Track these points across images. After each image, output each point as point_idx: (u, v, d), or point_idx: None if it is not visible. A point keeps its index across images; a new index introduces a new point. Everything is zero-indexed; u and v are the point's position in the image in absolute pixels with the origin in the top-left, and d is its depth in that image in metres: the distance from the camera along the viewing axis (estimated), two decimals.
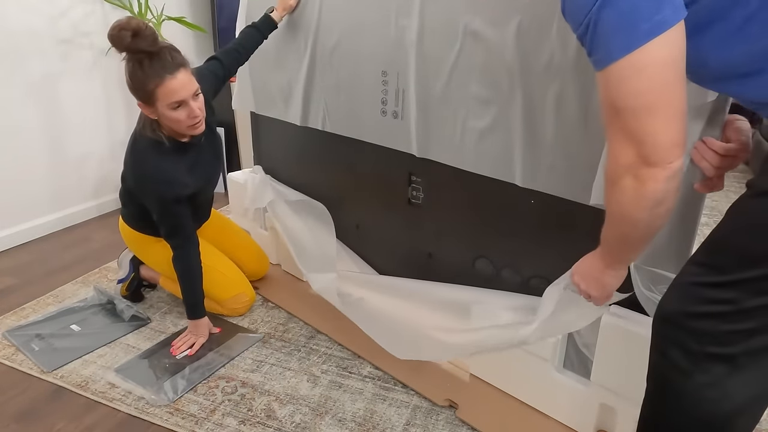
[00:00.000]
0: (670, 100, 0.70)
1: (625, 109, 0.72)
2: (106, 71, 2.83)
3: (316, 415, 1.41)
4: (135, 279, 1.92)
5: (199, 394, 1.49)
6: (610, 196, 0.81)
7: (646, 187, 0.74)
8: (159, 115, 1.50)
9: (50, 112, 2.59)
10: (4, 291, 2.08)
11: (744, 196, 0.76)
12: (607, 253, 0.93)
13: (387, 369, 1.56)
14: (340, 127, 1.77)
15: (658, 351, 0.83)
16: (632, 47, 0.68)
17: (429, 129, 1.47)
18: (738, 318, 0.73)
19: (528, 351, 1.34)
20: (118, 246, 2.47)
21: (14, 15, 2.38)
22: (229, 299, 1.82)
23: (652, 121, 0.71)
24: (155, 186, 1.56)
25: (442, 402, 1.42)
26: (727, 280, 0.74)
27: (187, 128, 1.52)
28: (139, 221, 1.75)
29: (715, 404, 0.77)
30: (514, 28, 1.19)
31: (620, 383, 1.19)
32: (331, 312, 1.87)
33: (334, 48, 1.67)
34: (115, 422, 1.40)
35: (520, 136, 1.25)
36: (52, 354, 1.66)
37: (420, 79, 1.44)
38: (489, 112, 1.30)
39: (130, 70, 1.43)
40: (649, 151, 0.72)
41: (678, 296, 0.81)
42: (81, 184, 2.80)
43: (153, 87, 1.42)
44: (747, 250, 0.72)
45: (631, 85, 0.70)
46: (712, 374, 0.76)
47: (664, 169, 0.72)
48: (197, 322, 1.69)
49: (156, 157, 1.55)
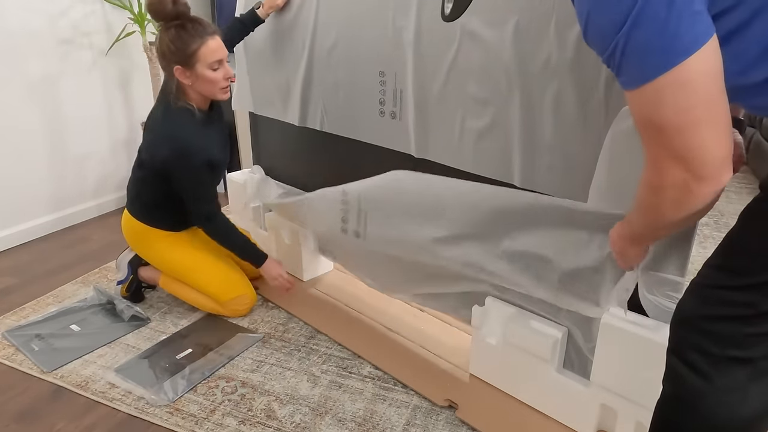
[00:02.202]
0: (716, 113, 0.68)
1: (669, 127, 0.69)
2: (106, 71, 2.83)
3: (316, 415, 1.41)
4: (134, 281, 1.92)
5: (199, 394, 1.49)
6: (646, 199, 0.79)
7: (691, 201, 0.72)
8: (196, 78, 1.57)
9: (50, 112, 2.59)
10: (4, 291, 2.08)
11: (759, 198, 0.75)
12: (630, 232, 0.92)
13: (387, 369, 1.56)
14: (338, 127, 1.77)
15: (676, 354, 0.82)
16: (669, 66, 0.66)
17: (427, 129, 1.47)
18: (758, 321, 0.73)
19: (528, 351, 1.34)
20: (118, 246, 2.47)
21: (14, 15, 2.38)
22: (230, 301, 1.82)
23: (700, 137, 0.67)
24: (193, 151, 1.62)
25: (442, 402, 1.43)
26: (747, 283, 0.73)
27: (221, 90, 1.61)
28: (152, 211, 1.76)
29: (733, 409, 0.76)
30: (511, 28, 1.19)
31: (620, 384, 1.19)
32: (331, 312, 1.87)
33: (331, 48, 1.68)
34: (115, 422, 1.40)
35: (518, 137, 1.25)
36: (52, 354, 1.66)
37: (418, 80, 1.44)
38: (487, 112, 1.30)
39: (172, 36, 1.52)
40: (698, 168, 0.69)
41: (697, 299, 0.80)
42: (81, 184, 2.80)
43: (196, 47, 1.52)
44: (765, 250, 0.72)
45: (674, 101, 0.67)
46: (732, 378, 0.76)
47: (715, 183, 0.70)
48: (265, 266, 1.80)
49: (190, 125, 1.63)
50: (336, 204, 1.67)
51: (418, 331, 1.73)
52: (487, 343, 1.40)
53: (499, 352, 1.40)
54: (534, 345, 1.32)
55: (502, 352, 1.40)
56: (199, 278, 1.82)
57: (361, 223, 1.61)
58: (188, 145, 1.62)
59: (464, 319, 1.53)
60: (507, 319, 1.37)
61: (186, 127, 1.62)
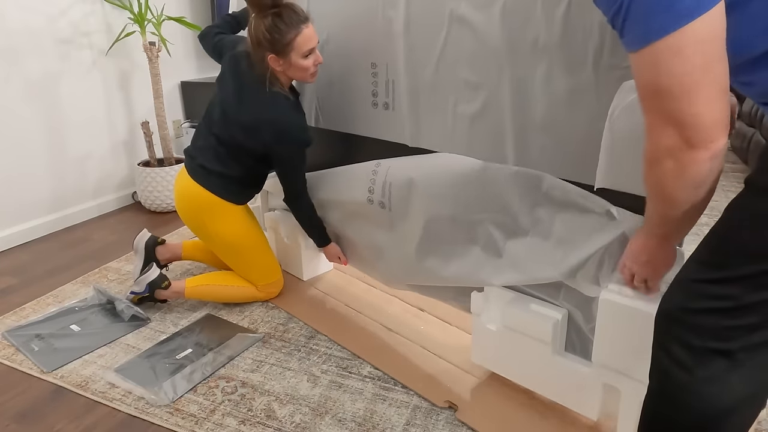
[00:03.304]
0: (712, 79, 0.68)
1: (666, 91, 0.70)
2: (106, 71, 2.83)
3: (316, 415, 1.41)
4: (148, 298, 1.89)
5: (199, 394, 1.49)
6: (649, 176, 0.80)
7: (689, 170, 0.73)
8: (289, 66, 1.60)
9: (50, 112, 2.59)
10: (4, 291, 2.08)
11: (742, 193, 0.77)
12: (651, 230, 0.93)
13: (387, 369, 1.56)
14: (332, 122, 1.79)
15: (661, 347, 0.84)
16: (672, 27, 0.66)
17: (420, 118, 1.48)
18: (739, 314, 0.74)
19: (529, 335, 1.34)
20: (118, 246, 2.48)
21: (14, 15, 2.38)
22: (271, 283, 1.93)
23: (695, 102, 0.68)
24: (298, 133, 1.67)
25: (442, 403, 1.42)
26: (728, 276, 0.75)
27: (311, 75, 1.64)
28: (231, 185, 1.80)
29: (713, 400, 0.78)
30: (498, 10, 1.20)
31: (622, 361, 1.18)
32: (331, 312, 1.87)
33: (323, 45, 1.70)
34: (115, 422, 1.40)
35: (510, 118, 1.26)
36: (52, 354, 1.66)
37: (409, 69, 1.45)
38: (479, 96, 1.32)
39: (269, 25, 1.52)
40: (692, 133, 0.70)
41: (679, 293, 0.82)
42: (81, 184, 2.80)
43: (293, 36, 1.53)
44: (747, 247, 0.73)
45: (672, 65, 0.68)
46: (712, 369, 0.77)
47: (707, 150, 0.71)
48: (327, 248, 1.89)
49: (290, 108, 1.68)
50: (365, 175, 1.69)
51: (418, 331, 1.74)
52: (487, 329, 1.40)
53: (500, 337, 1.40)
54: (534, 328, 1.32)
55: (503, 337, 1.40)
56: (253, 256, 1.89)
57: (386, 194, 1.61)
58: (294, 129, 1.67)
59: (464, 307, 1.53)
60: (506, 303, 1.36)
61: (288, 112, 1.67)
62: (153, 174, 2.82)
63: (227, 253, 1.89)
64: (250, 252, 1.88)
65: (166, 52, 2.93)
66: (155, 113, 2.86)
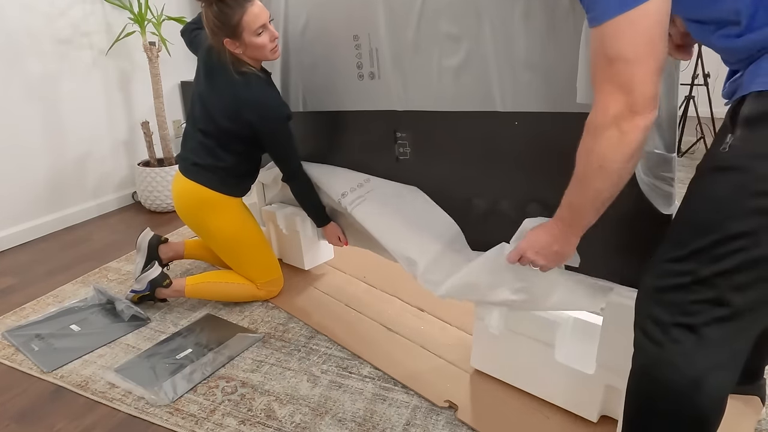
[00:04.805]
0: (656, 54, 0.79)
1: (618, 59, 0.80)
2: (106, 71, 2.83)
3: (316, 415, 1.41)
4: (149, 296, 1.90)
5: (199, 394, 1.49)
6: (588, 147, 0.88)
7: (629, 136, 0.82)
8: (245, 47, 1.61)
9: (50, 111, 2.59)
10: (4, 291, 2.08)
11: (694, 177, 0.86)
12: (570, 220, 1.00)
13: (387, 369, 1.56)
14: (319, 103, 1.79)
15: (638, 326, 0.91)
16: (629, 5, 0.77)
17: (407, 79, 1.48)
18: (698, 287, 0.81)
19: (531, 337, 1.34)
20: (118, 246, 2.48)
21: (14, 14, 2.38)
22: (270, 281, 1.93)
23: (641, 71, 0.79)
24: (279, 109, 1.68)
25: (442, 403, 1.42)
26: (686, 253, 0.82)
27: (270, 52, 1.64)
28: (231, 177, 1.81)
29: (681, 370, 0.83)
30: None
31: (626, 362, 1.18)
32: (331, 312, 1.87)
33: (304, 29, 1.70)
34: (115, 422, 1.40)
35: (494, 63, 1.27)
36: (52, 354, 1.66)
37: (391, 33, 1.45)
38: (461, 47, 1.32)
39: (215, 12, 1.55)
40: (637, 99, 0.80)
41: (650, 273, 0.89)
42: (81, 184, 2.80)
43: (240, 17, 1.55)
44: (697, 221, 0.81)
45: (626, 37, 0.78)
46: (680, 344, 0.83)
47: (644, 118, 0.81)
48: (327, 228, 1.88)
49: (264, 86, 1.69)
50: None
51: (418, 331, 1.74)
52: (489, 333, 1.40)
53: (502, 341, 1.40)
54: (537, 330, 1.32)
55: (504, 341, 1.40)
56: (253, 253, 1.89)
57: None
58: (273, 105, 1.68)
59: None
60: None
61: (263, 89, 1.68)
62: (153, 174, 2.82)
63: (227, 250, 1.89)
64: (249, 248, 1.88)
65: (166, 52, 2.94)
66: (155, 113, 2.86)
